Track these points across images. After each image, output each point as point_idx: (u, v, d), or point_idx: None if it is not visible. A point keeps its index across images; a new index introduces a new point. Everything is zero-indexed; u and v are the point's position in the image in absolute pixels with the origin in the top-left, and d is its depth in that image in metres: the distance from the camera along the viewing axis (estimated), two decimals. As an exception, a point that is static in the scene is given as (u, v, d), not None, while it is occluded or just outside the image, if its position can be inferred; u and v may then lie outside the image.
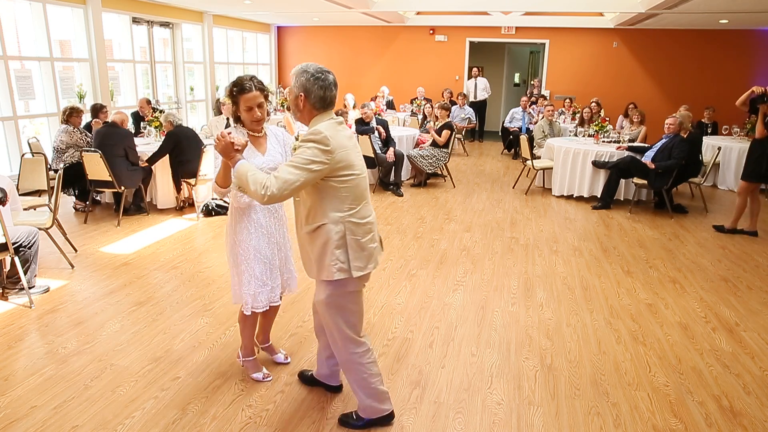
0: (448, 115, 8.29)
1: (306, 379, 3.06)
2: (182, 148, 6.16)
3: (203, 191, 6.52)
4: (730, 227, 6.11)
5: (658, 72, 12.53)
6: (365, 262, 2.44)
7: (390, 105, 12.16)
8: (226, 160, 2.44)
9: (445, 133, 7.88)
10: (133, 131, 7.28)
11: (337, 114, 2.47)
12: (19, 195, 4.97)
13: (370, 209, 2.49)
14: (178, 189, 6.49)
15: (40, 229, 4.37)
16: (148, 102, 8.13)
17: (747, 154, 6.02)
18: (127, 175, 5.93)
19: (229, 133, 2.42)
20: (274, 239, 2.89)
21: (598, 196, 7.19)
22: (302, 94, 2.33)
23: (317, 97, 2.34)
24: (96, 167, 5.76)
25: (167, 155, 6.24)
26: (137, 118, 7.95)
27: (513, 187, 8.14)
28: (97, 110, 6.88)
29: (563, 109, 11.01)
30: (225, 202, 6.36)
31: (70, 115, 6.34)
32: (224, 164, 2.53)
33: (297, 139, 2.43)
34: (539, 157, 8.13)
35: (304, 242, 2.48)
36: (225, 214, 6.31)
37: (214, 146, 2.42)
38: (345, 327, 2.52)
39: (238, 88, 2.69)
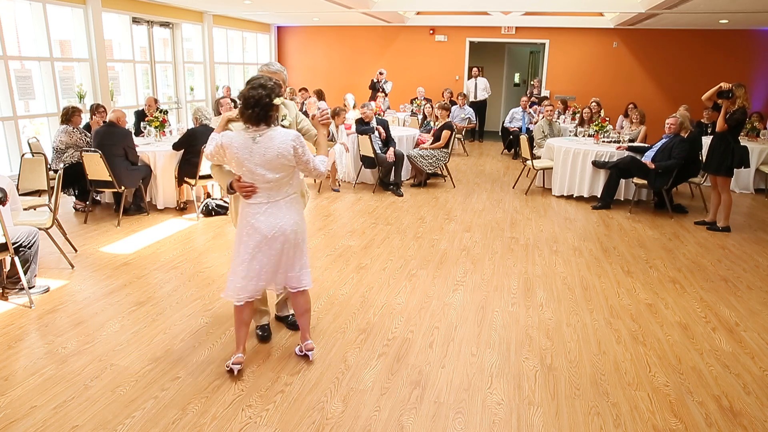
0: (448, 115, 8.29)
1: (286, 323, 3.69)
2: (195, 149, 6.07)
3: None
4: (723, 225, 6.19)
5: (658, 72, 12.53)
6: None
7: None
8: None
9: (445, 133, 7.88)
10: (134, 131, 7.29)
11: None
12: (19, 195, 4.97)
13: None
14: (180, 184, 6.49)
15: (40, 229, 4.37)
16: (156, 101, 8.16)
17: (710, 149, 6.15)
18: (127, 174, 5.93)
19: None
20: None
21: (598, 196, 7.19)
22: None
23: None
24: (96, 167, 5.76)
25: (182, 150, 6.24)
26: (142, 116, 7.97)
27: (513, 187, 8.14)
28: (93, 110, 6.88)
29: (558, 111, 10.97)
30: (225, 201, 6.35)
31: (72, 116, 6.34)
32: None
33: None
34: (539, 157, 8.13)
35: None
36: (225, 214, 6.30)
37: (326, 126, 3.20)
38: None
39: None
